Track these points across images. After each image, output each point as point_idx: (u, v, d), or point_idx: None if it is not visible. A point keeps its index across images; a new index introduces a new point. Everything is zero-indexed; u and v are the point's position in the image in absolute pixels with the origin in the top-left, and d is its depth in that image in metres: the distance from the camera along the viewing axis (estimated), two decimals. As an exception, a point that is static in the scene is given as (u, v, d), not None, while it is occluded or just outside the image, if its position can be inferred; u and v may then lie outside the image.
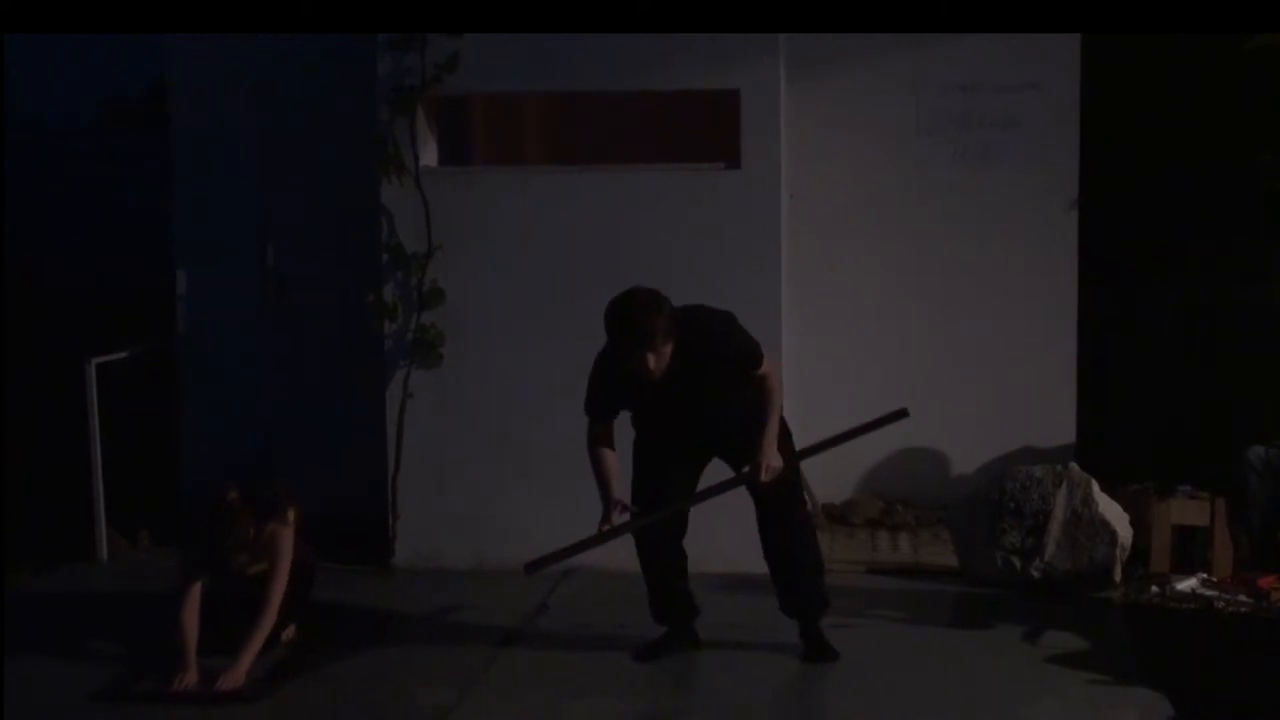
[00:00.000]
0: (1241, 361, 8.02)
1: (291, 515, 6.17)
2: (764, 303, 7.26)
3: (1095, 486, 7.06)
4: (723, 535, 6.45)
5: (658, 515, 5.91)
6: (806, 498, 6.29)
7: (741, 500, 5.97)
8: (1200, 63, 8.03)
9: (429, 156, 7.48)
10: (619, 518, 5.81)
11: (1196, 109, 8.15)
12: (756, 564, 6.34)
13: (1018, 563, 7.01)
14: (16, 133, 10.75)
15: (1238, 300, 8.13)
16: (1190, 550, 7.19)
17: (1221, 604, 6.80)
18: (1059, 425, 7.74)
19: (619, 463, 5.92)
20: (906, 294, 7.88)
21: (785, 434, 5.93)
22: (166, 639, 6.01)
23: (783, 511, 5.95)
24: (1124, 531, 7.03)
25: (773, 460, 5.77)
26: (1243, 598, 6.83)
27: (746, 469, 5.83)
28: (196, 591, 6.05)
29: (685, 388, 5.71)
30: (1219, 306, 8.19)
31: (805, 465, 6.11)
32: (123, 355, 8.06)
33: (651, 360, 5.57)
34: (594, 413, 5.95)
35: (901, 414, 6.04)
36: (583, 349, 7.29)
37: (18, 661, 6.16)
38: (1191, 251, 8.19)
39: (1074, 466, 7.17)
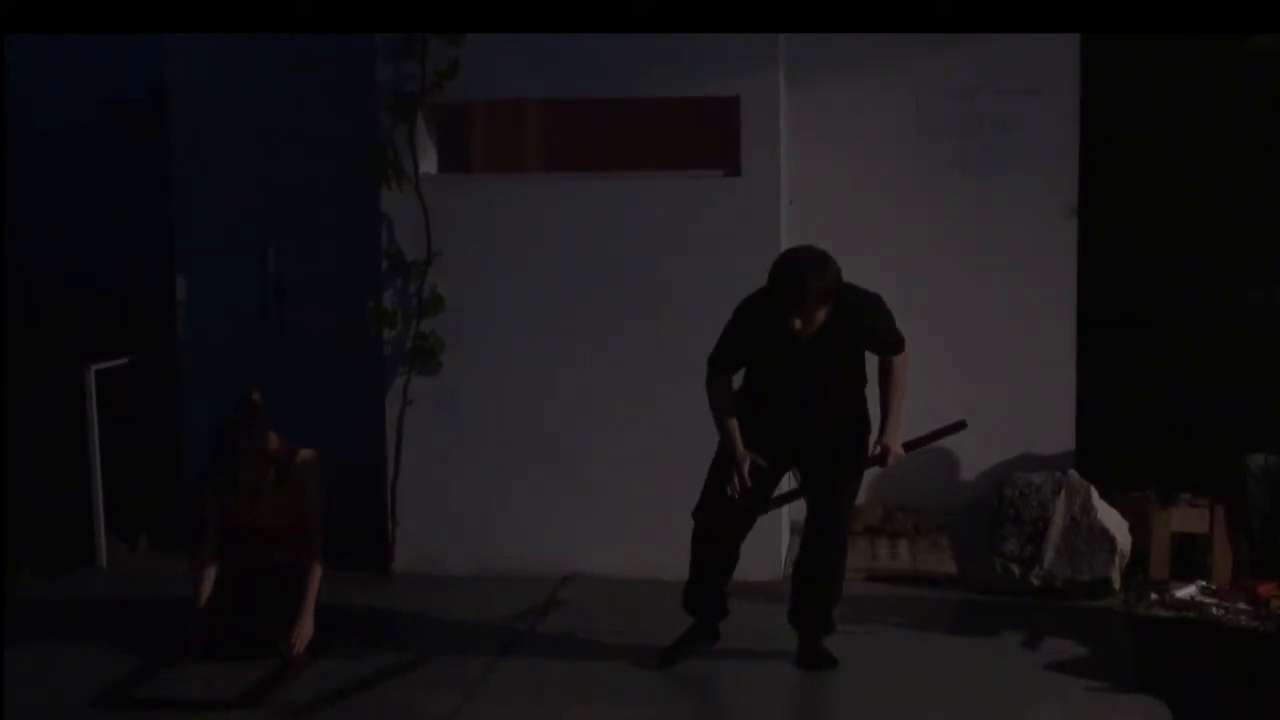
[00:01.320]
0: (1241, 368, 8.02)
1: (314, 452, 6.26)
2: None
3: (1095, 493, 7.07)
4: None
5: (810, 492, 5.87)
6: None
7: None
8: (1200, 65, 8.03)
9: (429, 163, 7.49)
10: (749, 475, 5.70)
11: (1196, 112, 8.15)
12: (755, 571, 6.36)
13: (1017, 570, 7.01)
14: (16, 135, 10.74)
15: (1238, 306, 8.13)
16: (1190, 557, 7.20)
17: (1221, 611, 6.80)
18: (1058, 432, 7.75)
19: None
20: (906, 299, 7.83)
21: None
22: (185, 619, 6.20)
23: (830, 528, 5.94)
24: (1123, 539, 7.03)
25: (899, 448, 5.84)
26: (1242, 605, 6.83)
27: (877, 449, 5.85)
28: (213, 549, 6.19)
29: (821, 358, 5.66)
30: (1219, 312, 8.19)
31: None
32: (122, 361, 8.06)
33: (799, 323, 5.51)
34: (722, 364, 5.84)
35: (960, 425, 6.03)
36: (583, 355, 7.34)
37: (18, 666, 6.17)
38: (1191, 256, 8.19)
39: (1073, 473, 7.18)
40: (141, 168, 9.95)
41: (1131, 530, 7.11)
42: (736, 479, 5.72)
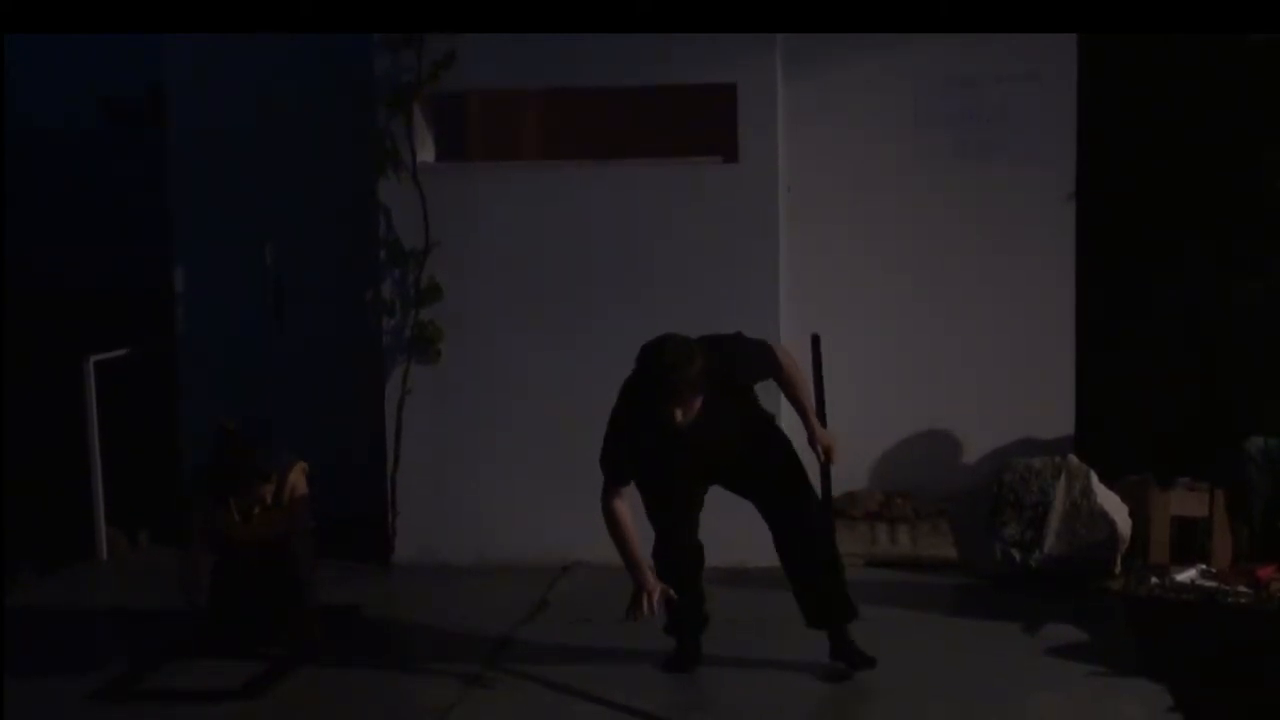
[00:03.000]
0: (1241, 352, 8.01)
1: (302, 468, 6.23)
2: (762, 296, 7.28)
3: (1094, 478, 7.07)
4: (723, 527, 6.43)
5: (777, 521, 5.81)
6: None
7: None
8: (1199, 55, 8.01)
9: (426, 153, 7.49)
10: (655, 604, 5.60)
11: (1195, 100, 8.13)
12: (754, 557, 6.35)
13: (1017, 555, 7.01)
14: (15, 132, 10.75)
15: (1236, 290, 8.12)
16: (1190, 541, 7.19)
17: (1221, 595, 6.80)
18: (1058, 417, 7.73)
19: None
20: (905, 286, 7.86)
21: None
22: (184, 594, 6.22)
23: (793, 506, 5.82)
24: (1123, 523, 7.03)
25: (828, 439, 5.82)
26: (1242, 588, 6.83)
27: (820, 456, 5.84)
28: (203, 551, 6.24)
29: (709, 434, 5.57)
30: (1218, 297, 8.17)
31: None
32: (121, 354, 8.06)
33: (679, 414, 5.43)
34: (616, 477, 5.70)
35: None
36: (581, 343, 7.34)
37: (18, 662, 6.16)
38: (1190, 242, 8.17)
39: (1073, 458, 7.18)
40: (140, 163, 9.95)
41: (1131, 514, 7.10)
42: (645, 606, 5.60)
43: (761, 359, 5.77)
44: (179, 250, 8.46)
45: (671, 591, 5.66)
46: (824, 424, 5.94)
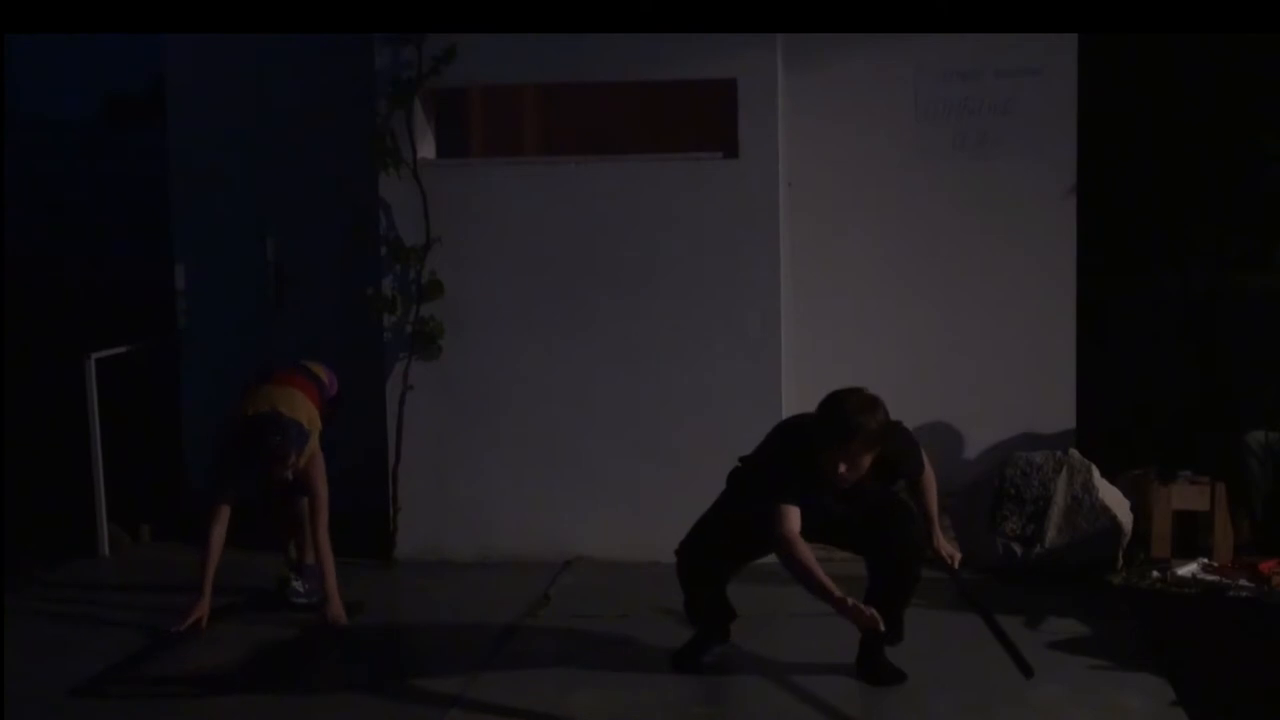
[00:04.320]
0: (1241, 346, 8.02)
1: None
2: (763, 291, 7.28)
3: (1095, 472, 7.07)
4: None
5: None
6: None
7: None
8: (1200, 48, 8.02)
9: (427, 149, 7.49)
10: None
11: (1196, 94, 8.14)
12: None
13: (1018, 549, 7.02)
14: (18, 127, 10.76)
15: (1237, 284, 8.12)
16: (1191, 535, 7.20)
17: (1222, 588, 6.80)
18: (1059, 411, 7.73)
19: None
20: (905, 281, 7.87)
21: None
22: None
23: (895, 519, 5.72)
24: (1125, 517, 7.04)
25: (953, 549, 5.91)
26: (1244, 582, 6.83)
27: (947, 561, 5.87)
28: (225, 514, 6.48)
29: (852, 503, 5.51)
30: (1218, 291, 8.18)
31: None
32: (123, 350, 8.06)
33: (844, 468, 5.32)
34: (793, 499, 5.45)
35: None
36: (582, 338, 7.34)
37: (18, 657, 6.17)
38: (1191, 236, 8.19)
39: (1074, 452, 7.18)
40: (142, 158, 9.96)
41: (1133, 509, 7.11)
42: (865, 613, 5.20)
43: (918, 458, 5.74)
44: (180, 247, 8.47)
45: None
46: None
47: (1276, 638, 6.25)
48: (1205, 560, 7.06)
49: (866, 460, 5.35)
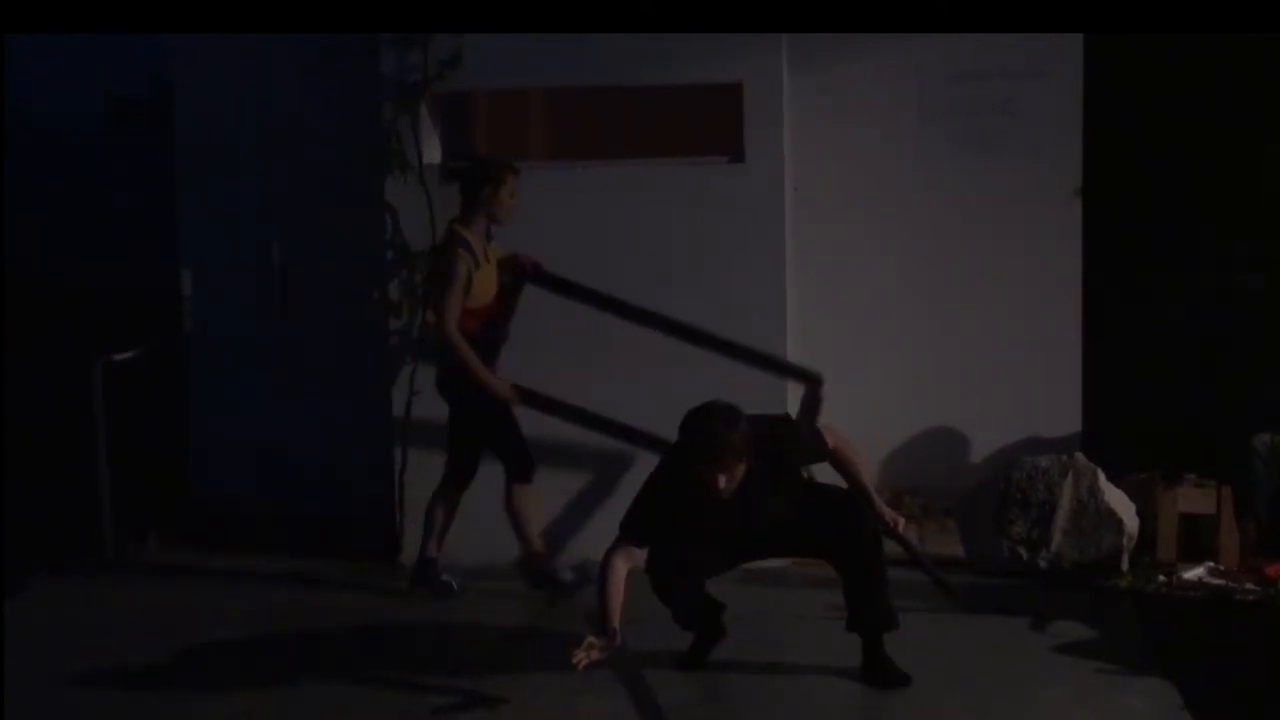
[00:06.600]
0: (1247, 349, 8.01)
1: None
2: (768, 295, 7.28)
3: (1101, 476, 7.06)
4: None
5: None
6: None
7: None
8: (1204, 49, 8.01)
9: (432, 153, 7.49)
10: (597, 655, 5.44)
11: (1200, 95, 8.13)
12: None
13: (1024, 553, 7.02)
14: (22, 129, 10.76)
15: (1243, 288, 8.12)
16: (1197, 538, 7.19)
17: (1229, 592, 6.80)
18: (1065, 415, 7.74)
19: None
20: (911, 284, 7.87)
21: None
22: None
23: (831, 509, 5.77)
24: (1130, 521, 7.03)
25: (895, 515, 5.91)
26: (1250, 585, 6.83)
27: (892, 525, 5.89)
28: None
29: (750, 513, 5.57)
30: (1224, 293, 8.17)
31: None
32: (130, 354, 8.06)
33: (722, 480, 5.39)
34: (632, 537, 5.65)
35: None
36: (587, 343, 7.34)
37: (22, 661, 6.18)
38: (1196, 239, 8.18)
39: (1080, 456, 7.17)
40: (148, 161, 9.96)
41: (1139, 512, 7.11)
42: (585, 655, 5.41)
43: (810, 441, 5.78)
44: (185, 249, 8.47)
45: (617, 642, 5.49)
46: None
47: (1282, 641, 6.26)
48: (1211, 563, 7.06)
49: (741, 468, 5.40)
